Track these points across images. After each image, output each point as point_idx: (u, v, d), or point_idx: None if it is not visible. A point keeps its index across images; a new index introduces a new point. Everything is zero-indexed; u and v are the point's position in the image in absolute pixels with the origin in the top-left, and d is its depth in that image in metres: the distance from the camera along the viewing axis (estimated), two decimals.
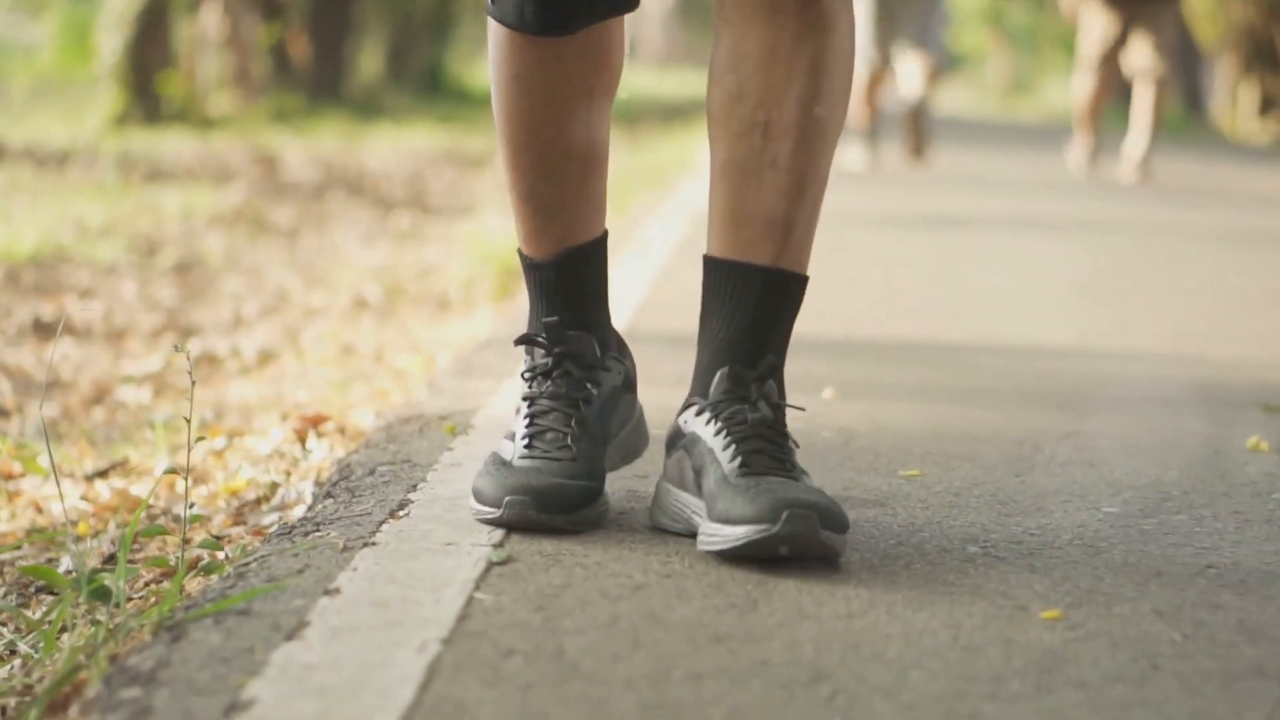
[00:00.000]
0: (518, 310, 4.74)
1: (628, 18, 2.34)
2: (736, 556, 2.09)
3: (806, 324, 2.51)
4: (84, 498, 3.16)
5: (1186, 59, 28.68)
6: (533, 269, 2.34)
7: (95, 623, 2.00)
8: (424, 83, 24.40)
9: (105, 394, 4.60)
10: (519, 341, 2.35)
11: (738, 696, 1.69)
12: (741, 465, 2.17)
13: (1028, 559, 2.23)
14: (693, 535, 2.21)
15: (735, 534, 2.09)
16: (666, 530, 2.25)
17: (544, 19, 2.20)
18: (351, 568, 2.07)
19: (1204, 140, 20.25)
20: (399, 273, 6.72)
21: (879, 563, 2.18)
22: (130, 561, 2.41)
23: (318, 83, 19.32)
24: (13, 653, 2.16)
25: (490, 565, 2.08)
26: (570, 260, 2.33)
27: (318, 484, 2.79)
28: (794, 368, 2.69)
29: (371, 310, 5.82)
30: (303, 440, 3.23)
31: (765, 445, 2.19)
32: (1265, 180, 11.91)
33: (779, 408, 2.24)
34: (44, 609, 2.11)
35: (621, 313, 4.27)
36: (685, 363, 2.51)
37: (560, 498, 2.20)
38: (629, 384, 2.41)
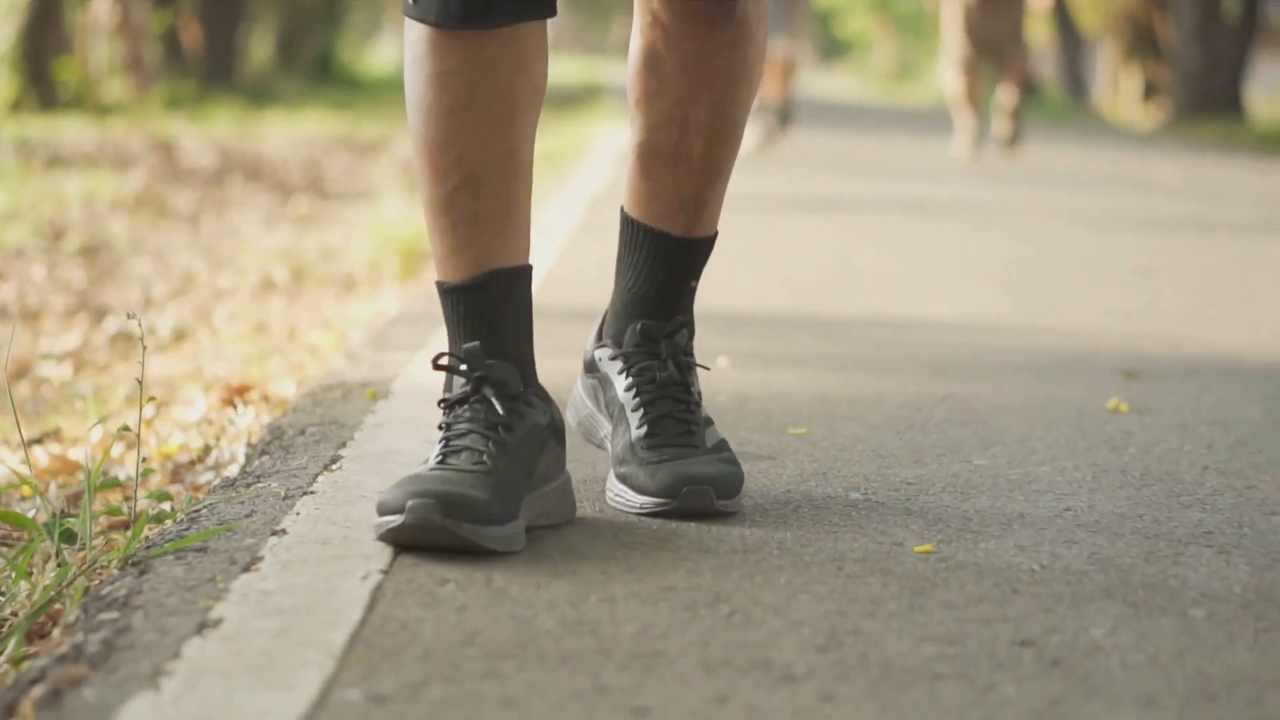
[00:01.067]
0: (424, 289, 4.94)
1: None
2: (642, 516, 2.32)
3: (701, 299, 2.73)
4: (23, 462, 3.34)
5: (1069, 46, 29.16)
6: (450, 294, 2.23)
7: (62, 564, 2.20)
8: (315, 69, 24.47)
9: (26, 370, 4.77)
10: (437, 366, 2.23)
11: (647, 616, 1.92)
12: (648, 434, 2.35)
13: (904, 504, 2.47)
14: (597, 445, 2.47)
15: (639, 501, 2.31)
16: (573, 429, 2.50)
17: (467, 9, 2.16)
18: (294, 512, 2.29)
19: (1087, 125, 20.66)
20: (303, 255, 6.89)
21: (771, 508, 2.42)
22: (71, 516, 2.61)
23: (210, 69, 19.38)
24: None
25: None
26: (490, 284, 2.21)
27: (249, 445, 2.99)
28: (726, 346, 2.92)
29: (279, 291, 5.99)
30: (234, 405, 3.43)
31: (672, 407, 2.36)
32: (1142, 165, 12.27)
33: (686, 366, 2.40)
34: (11, 553, 2.30)
35: None
36: (586, 335, 2.75)
37: (470, 506, 2.07)
38: (556, 432, 2.27)
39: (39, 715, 1.60)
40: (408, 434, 2.78)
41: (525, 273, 2.25)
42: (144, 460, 3.18)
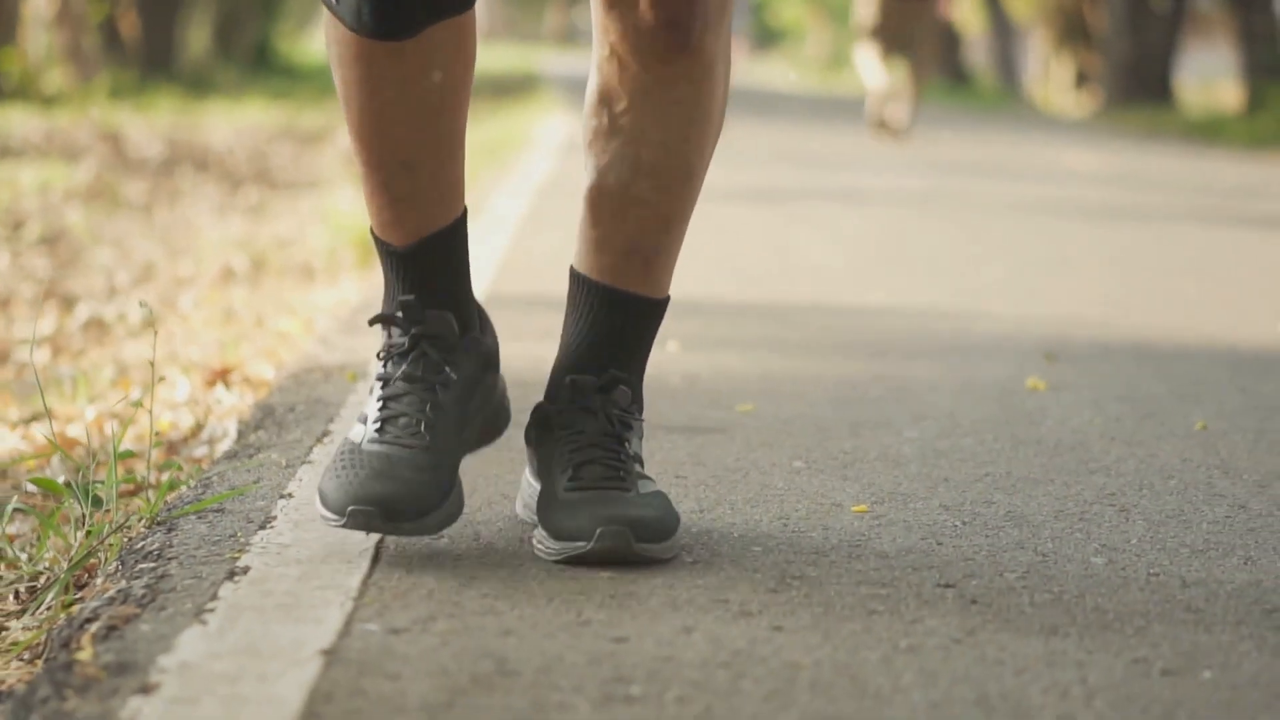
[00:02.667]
0: (380, 277, 5.19)
1: None
2: (562, 563, 2.18)
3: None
4: (23, 439, 3.59)
5: (1001, 34, 29.56)
6: (389, 254, 2.24)
7: (91, 526, 2.45)
8: (252, 59, 24.61)
9: (4, 356, 5.00)
10: (375, 321, 2.26)
11: (620, 565, 2.19)
12: (572, 479, 2.23)
13: (842, 471, 2.75)
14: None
15: (555, 548, 2.19)
16: (523, 520, 2.36)
17: (381, 25, 2.12)
18: (298, 479, 2.55)
19: (1018, 114, 21.01)
20: (259, 245, 7.12)
21: (721, 474, 2.69)
22: (98, 481, 2.87)
23: (148, 59, 19.50)
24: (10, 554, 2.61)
25: None
26: (429, 245, 2.22)
27: (241, 422, 3.25)
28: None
29: (240, 279, 6.23)
30: (224, 384, 3.68)
31: (600, 455, 2.24)
32: (1069, 154, 12.60)
33: (620, 419, 2.28)
34: (42, 514, 2.55)
35: (481, 280, 4.75)
36: (545, 319, 3.01)
37: (406, 502, 2.13)
38: (490, 362, 2.32)
39: (98, 646, 1.85)
40: None
41: (460, 222, 2.25)
42: (135, 438, 3.43)
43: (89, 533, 2.41)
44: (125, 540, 2.35)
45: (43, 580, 2.43)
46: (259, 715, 1.62)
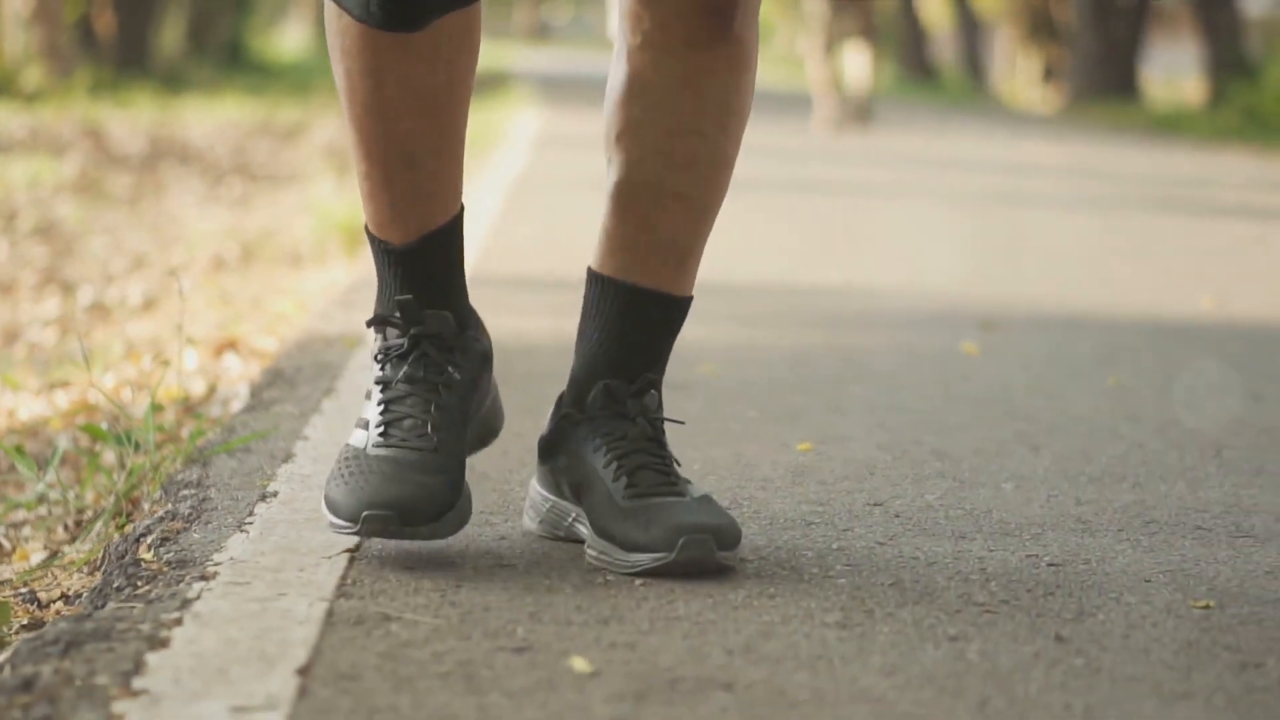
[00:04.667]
0: (370, 263, 5.54)
1: None
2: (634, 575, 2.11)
3: None
4: (47, 405, 3.93)
5: (967, 30, 29.95)
6: (386, 253, 2.19)
7: (131, 467, 2.80)
8: (225, 55, 24.88)
9: (15, 337, 5.34)
10: (372, 323, 2.22)
11: None
12: (629, 485, 2.16)
13: (791, 417, 3.11)
14: (571, 540, 2.24)
15: (633, 560, 2.10)
16: (543, 537, 2.27)
17: (390, 16, 2.07)
18: (311, 424, 2.90)
19: (983, 109, 21.39)
20: (246, 235, 7.46)
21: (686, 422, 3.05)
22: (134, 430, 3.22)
23: (123, 56, 19.76)
24: (42, 500, 2.95)
25: None
26: (428, 243, 2.18)
27: (252, 384, 3.60)
28: None
29: (231, 267, 6.57)
30: (233, 350, 4.03)
31: (649, 460, 2.18)
32: (1030, 147, 12.98)
33: (657, 422, 2.23)
34: (88, 455, 2.90)
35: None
36: (526, 297, 3.38)
37: (422, 505, 2.08)
38: (486, 361, 2.26)
39: (157, 551, 2.20)
40: None
41: (458, 220, 2.20)
42: (172, 397, 3.78)
43: (130, 471, 2.76)
44: (165, 475, 2.70)
45: (88, 514, 2.78)
46: (301, 594, 1.97)
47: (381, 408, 2.17)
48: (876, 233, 6.86)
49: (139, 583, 2.07)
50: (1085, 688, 1.76)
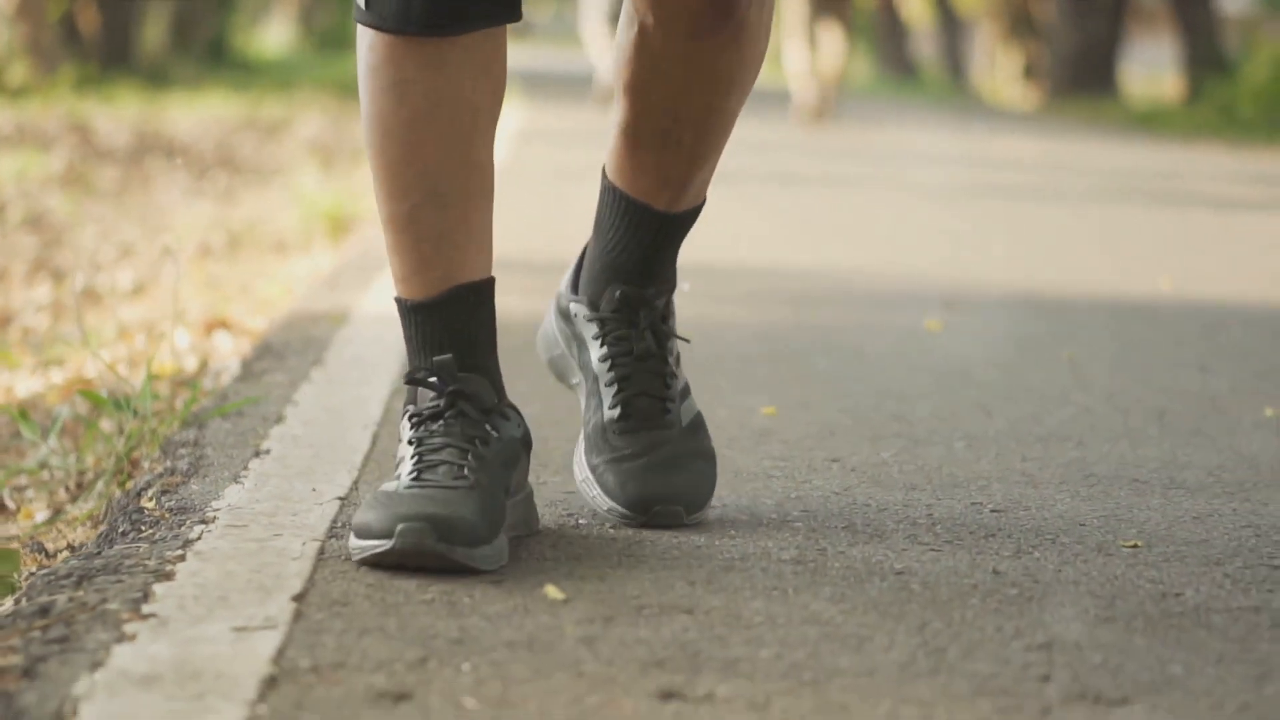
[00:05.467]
0: (359, 245, 5.69)
1: None
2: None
3: None
4: (43, 383, 4.08)
5: (948, 28, 30.12)
6: (414, 312, 2.12)
7: (130, 431, 2.95)
8: (208, 53, 24.99)
9: (9, 321, 5.49)
10: (410, 381, 2.13)
11: (573, 437, 2.69)
12: (621, 416, 2.24)
13: (759, 387, 3.27)
14: (567, 386, 2.39)
15: (605, 505, 2.23)
16: (542, 361, 2.42)
17: (431, 16, 2.04)
18: (300, 392, 3.05)
19: (963, 106, 21.57)
20: (231, 225, 7.60)
21: None
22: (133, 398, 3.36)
23: (107, 53, 19.88)
24: (43, 466, 3.10)
25: (394, 390, 3.08)
26: (458, 299, 2.11)
27: (242, 359, 3.75)
28: None
29: (218, 255, 6.71)
30: (223, 330, 4.18)
31: (648, 383, 2.25)
32: (1005, 142, 13.15)
33: (664, 336, 2.28)
34: (89, 419, 3.05)
35: None
36: (504, 279, 3.51)
37: (462, 528, 1.97)
38: (527, 445, 2.18)
39: (159, 500, 2.35)
40: (373, 344, 3.55)
41: (490, 285, 2.15)
42: (165, 372, 3.93)
43: (129, 435, 2.91)
44: (163, 437, 2.84)
45: (89, 477, 2.93)
46: (295, 535, 2.12)
47: (415, 458, 2.06)
48: (849, 221, 7.02)
49: (143, 527, 2.22)
50: (1017, 613, 1.91)
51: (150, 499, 2.38)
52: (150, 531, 2.18)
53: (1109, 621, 1.89)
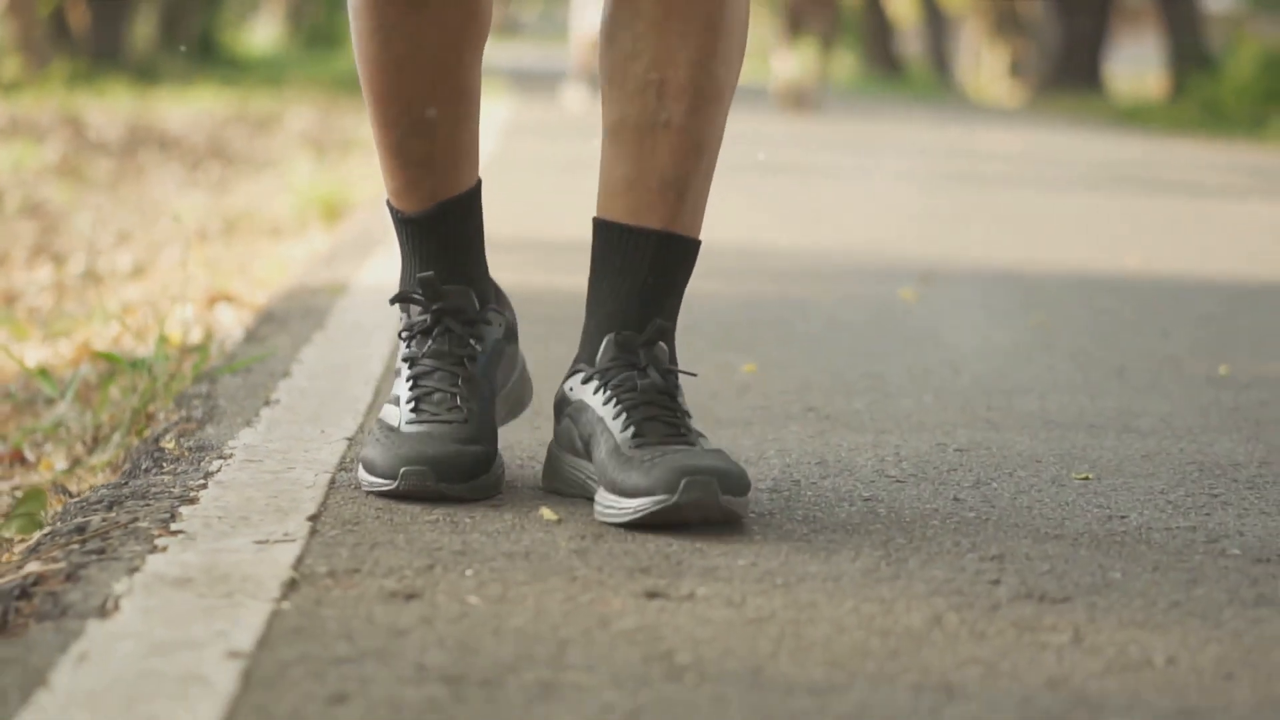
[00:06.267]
0: (354, 228, 5.85)
1: None
2: (638, 526, 2.05)
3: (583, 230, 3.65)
4: (52, 354, 4.24)
5: (933, 25, 30.28)
6: (404, 223, 2.24)
7: (143, 389, 3.11)
8: (197, 49, 25.12)
9: (14, 300, 5.64)
10: (395, 300, 2.26)
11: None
12: (635, 435, 2.11)
13: (740, 348, 3.44)
14: (588, 498, 2.17)
15: (634, 505, 2.04)
16: (562, 494, 2.22)
17: None
18: (304, 351, 3.22)
19: (947, 103, 21.74)
20: (226, 211, 7.76)
21: None
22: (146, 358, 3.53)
23: (97, 50, 20.02)
24: (59, 426, 3.26)
25: (393, 349, 3.24)
26: (444, 213, 2.23)
27: (245, 328, 3.91)
28: (573, 266, 3.86)
29: (214, 239, 6.87)
30: (225, 302, 4.35)
31: (659, 412, 2.14)
32: (988, 135, 13.32)
33: (670, 373, 2.19)
34: (104, 378, 3.21)
35: None
36: (509, 257, 3.67)
37: (458, 465, 2.12)
38: (511, 335, 2.31)
39: (178, 442, 2.52)
40: (372, 311, 3.72)
41: (475, 193, 2.25)
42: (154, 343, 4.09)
43: (143, 392, 3.07)
44: (176, 392, 3.01)
45: (104, 432, 3.09)
46: (307, 468, 2.28)
47: (410, 383, 2.22)
48: (832, 205, 7.19)
49: (164, 464, 2.38)
50: (973, 531, 2.08)
51: (169, 441, 2.54)
52: (172, 467, 2.35)
53: (1057, 538, 2.06)
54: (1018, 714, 1.50)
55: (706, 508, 2.02)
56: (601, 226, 2.21)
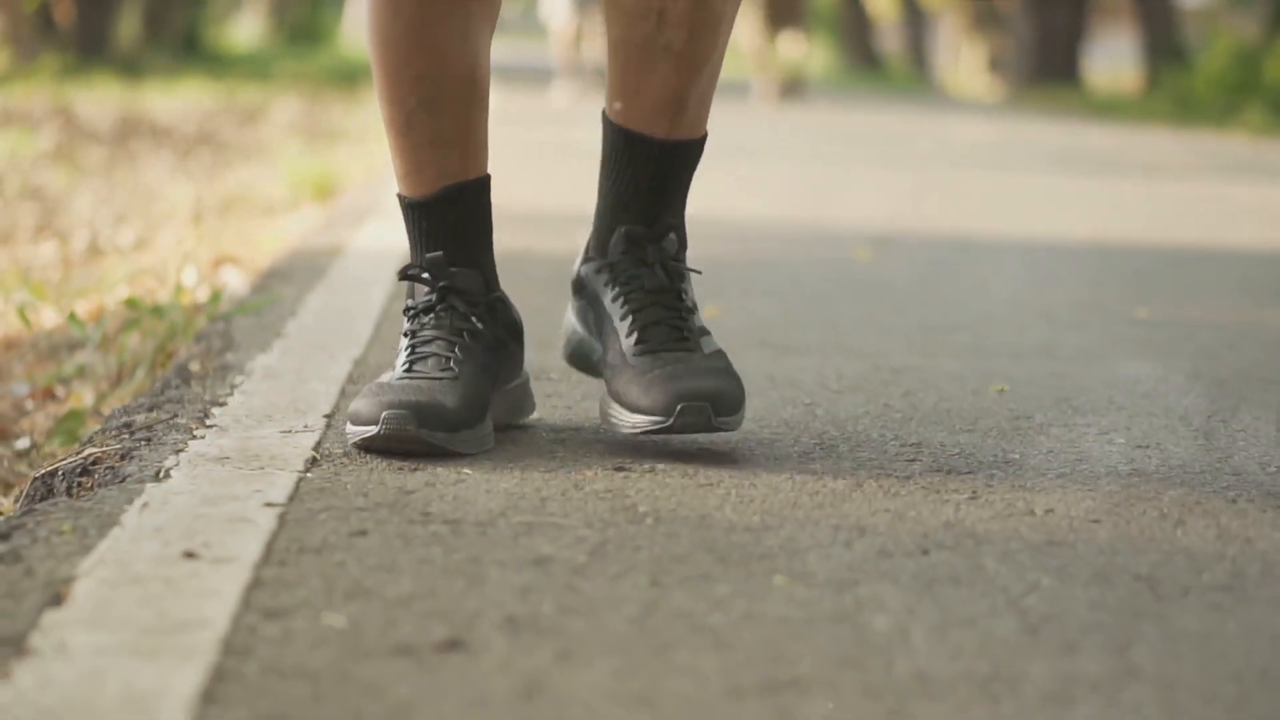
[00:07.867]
0: (346, 203, 6.17)
1: None
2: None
3: (581, 209, 3.98)
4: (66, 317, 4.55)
5: (912, 21, 30.59)
6: (412, 209, 2.26)
7: (164, 332, 3.43)
8: (182, 45, 25.38)
9: (25, 273, 5.95)
10: (403, 277, 2.28)
11: (548, 361, 3.19)
12: (639, 341, 2.21)
13: (706, 295, 3.75)
14: (594, 374, 2.36)
15: (634, 421, 2.17)
16: (575, 367, 2.40)
17: None
18: (308, 300, 3.54)
19: (927, 96, 22.06)
20: (221, 193, 8.06)
21: None
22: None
23: (83, 45, 20.27)
24: (81, 372, 3.58)
25: (391, 296, 3.56)
26: (452, 197, 2.24)
27: (251, 284, 4.23)
28: (569, 242, 4.18)
29: (210, 218, 7.18)
30: (230, 264, 4.67)
31: (663, 314, 2.23)
32: (960, 124, 13.65)
33: (676, 271, 2.28)
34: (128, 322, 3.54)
35: None
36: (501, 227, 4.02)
37: (441, 414, 2.13)
38: (516, 334, 2.32)
39: (205, 364, 2.84)
40: (369, 268, 4.04)
41: (484, 183, 2.27)
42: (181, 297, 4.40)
43: (162, 334, 3.39)
44: (195, 331, 3.33)
45: (124, 368, 3.41)
46: (320, 382, 2.61)
47: (408, 350, 2.24)
48: (797, 184, 7.52)
49: (192, 382, 2.71)
50: (897, 426, 2.42)
51: (195, 364, 2.87)
52: (199, 383, 2.67)
53: (969, 432, 2.39)
54: (916, 545, 1.83)
55: (700, 429, 2.16)
56: (609, 125, 2.26)
